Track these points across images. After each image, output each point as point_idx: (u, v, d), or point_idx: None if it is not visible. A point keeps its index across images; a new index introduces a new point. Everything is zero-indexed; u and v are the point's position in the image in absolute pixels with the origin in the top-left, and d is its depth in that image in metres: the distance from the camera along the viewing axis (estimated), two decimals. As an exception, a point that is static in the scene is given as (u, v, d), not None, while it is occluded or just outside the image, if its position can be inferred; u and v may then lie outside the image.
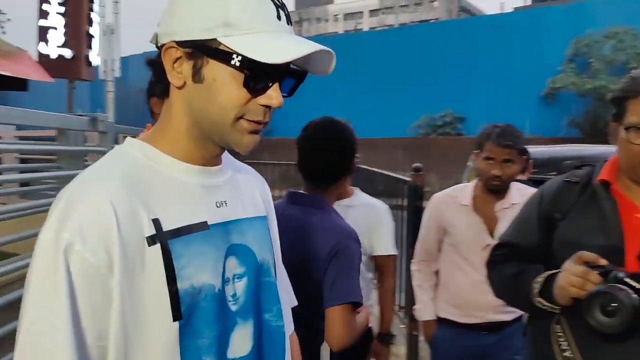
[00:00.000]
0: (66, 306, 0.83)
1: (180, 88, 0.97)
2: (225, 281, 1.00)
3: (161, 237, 0.92)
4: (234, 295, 1.02)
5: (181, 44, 0.93)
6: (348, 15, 58.77)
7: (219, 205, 1.03)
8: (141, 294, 0.90)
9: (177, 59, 0.95)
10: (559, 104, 19.04)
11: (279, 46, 0.90)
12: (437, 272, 2.78)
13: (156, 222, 0.92)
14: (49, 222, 0.87)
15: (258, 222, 1.12)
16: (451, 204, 2.67)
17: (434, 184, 16.01)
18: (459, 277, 2.62)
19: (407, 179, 4.81)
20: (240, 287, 1.04)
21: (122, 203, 0.89)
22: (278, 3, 0.95)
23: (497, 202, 2.57)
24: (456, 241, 2.63)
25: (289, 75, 0.98)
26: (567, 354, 1.41)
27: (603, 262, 1.31)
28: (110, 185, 0.90)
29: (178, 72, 0.95)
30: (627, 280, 1.25)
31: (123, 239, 0.88)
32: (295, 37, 0.95)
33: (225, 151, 1.07)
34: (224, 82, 0.93)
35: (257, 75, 0.92)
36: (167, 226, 0.93)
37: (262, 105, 0.95)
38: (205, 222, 0.99)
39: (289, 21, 0.96)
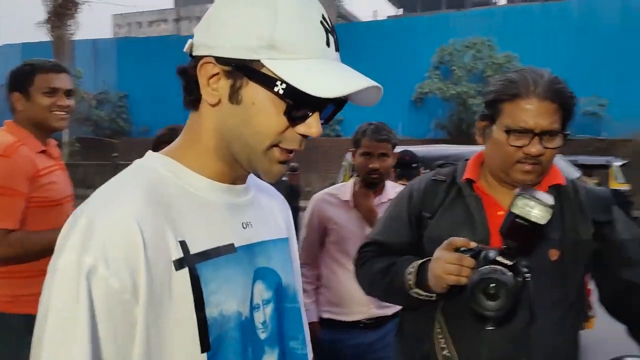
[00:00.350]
0: (88, 345, 0.74)
1: (213, 105, 0.87)
2: (253, 307, 0.92)
3: (189, 261, 0.83)
4: (264, 322, 0.95)
5: (220, 60, 0.84)
6: (151, 23, 57.53)
7: (245, 227, 0.94)
8: (167, 323, 0.81)
9: (214, 75, 0.86)
10: (427, 107, 20.12)
11: (328, 78, 0.82)
12: (318, 276, 2.78)
13: (183, 245, 0.84)
14: (70, 243, 0.77)
15: (281, 244, 1.04)
16: (332, 201, 2.69)
17: (315, 183, 16.25)
18: (341, 274, 2.64)
19: (284, 178, 4.82)
20: (268, 313, 0.96)
21: (148, 222, 0.81)
22: (328, 27, 0.86)
23: (375, 197, 2.64)
24: (338, 238, 2.65)
25: (330, 102, 0.89)
26: (445, 352, 1.42)
27: (473, 244, 1.33)
28: (135, 201, 0.82)
29: (214, 89, 0.86)
30: (499, 259, 1.27)
31: (150, 262, 0.79)
32: (345, 67, 0.87)
33: None
34: (263, 107, 0.84)
35: (299, 105, 0.83)
36: (194, 249, 0.85)
37: (299, 134, 0.87)
38: (232, 244, 0.90)
39: (337, 48, 0.88)
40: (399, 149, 3.10)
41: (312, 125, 0.86)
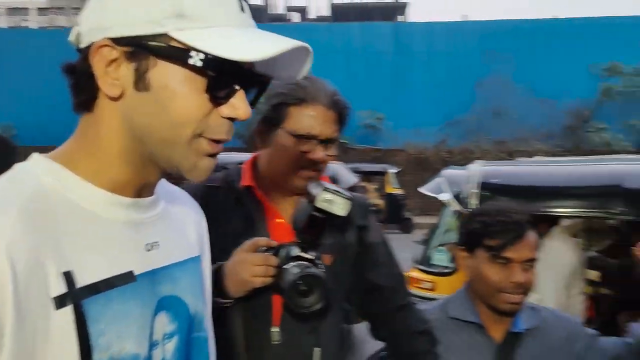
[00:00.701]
0: None
1: (115, 99, 0.72)
2: (152, 344, 0.76)
3: (74, 297, 0.66)
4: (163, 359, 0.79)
5: (118, 41, 0.70)
6: (12, 10, 52.08)
7: (149, 249, 0.78)
8: None
9: (112, 61, 0.70)
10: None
11: (251, 41, 0.71)
12: None
13: (68, 276, 0.66)
14: None
15: (191, 265, 0.87)
16: None
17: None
18: None
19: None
20: (170, 348, 0.80)
21: (21, 249, 0.63)
22: None
23: None
24: None
25: (254, 79, 0.76)
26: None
27: (274, 243, 1.30)
28: (5, 223, 0.63)
29: (114, 78, 0.71)
30: (301, 254, 1.25)
31: (20, 301, 0.62)
32: (264, 32, 0.74)
33: None
34: (179, 89, 0.70)
35: (221, 79, 0.71)
36: (82, 280, 0.68)
37: (226, 118, 0.73)
38: (132, 272, 0.73)
39: (248, 11, 0.76)
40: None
41: (239, 106, 0.73)
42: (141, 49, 0.69)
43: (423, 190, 3.41)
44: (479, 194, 2.83)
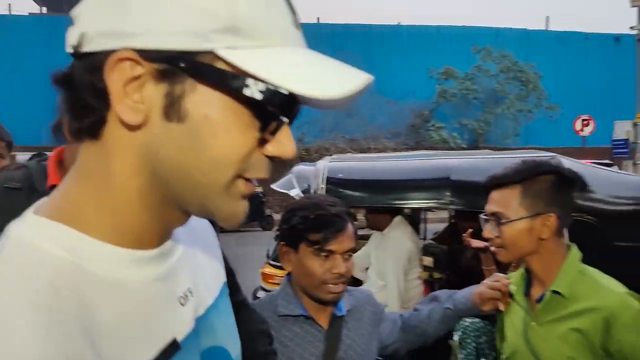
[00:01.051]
0: None
1: (134, 127, 0.54)
2: None
3: None
4: None
5: (146, 54, 0.52)
6: None
7: (183, 302, 0.63)
8: None
9: (134, 78, 0.52)
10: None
11: (322, 72, 0.55)
12: None
13: None
14: None
15: (222, 298, 0.74)
16: None
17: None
18: None
19: None
20: None
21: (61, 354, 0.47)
22: (289, 1, 0.59)
23: None
24: None
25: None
26: None
27: None
28: (37, 339, 0.46)
29: (136, 101, 0.53)
30: None
31: None
32: (323, 56, 0.57)
33: None
34: (223, 122, 0.54)
35: (272, 114, 0.55)
36: None
37: (267, 157, 0.58)
38: (175, 340, 0.59)
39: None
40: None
41: (286, 143, 0.58)
42: (177, 68, 0.53)
43: (275, 186, 3.45)
44: (325, 189, 2.92)
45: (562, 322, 1.52)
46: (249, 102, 0.54)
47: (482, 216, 1.67)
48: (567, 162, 3.00)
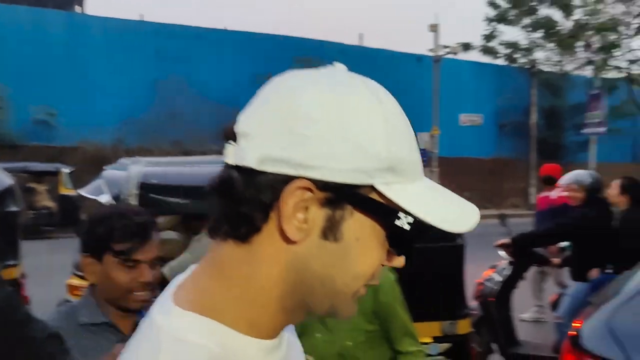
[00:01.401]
0: None
1: (290, 242, 0.60)
2: None
3: None
4: None
5: (319, 184, 0.59)
6: None
7: None
8: None
9: (304, 202, 0.59)
10: None
11: (452, 207, 0.65)
12: None
13: None
14: None
15: None
16: None
17: None
18: None
19: None
20: None
21: None
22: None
23: None
24: None
25: None
26: None
27: None
28: None
29: (300, 220, 0.59)
30: None
31: None
32: (441, 188, 0.67)
33: None
34: (369, 243, 0.62)
35: (407, 238, 0.63)
36: None
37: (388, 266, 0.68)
38: None
39: None
40: None
41: (402, 261, 0.67)
42: (343, 199, 0.60)
43: (83, 192, 3.23)
44: (138, 194, 2.81)
45: None
46: (396, 230, 0.62)
47: None
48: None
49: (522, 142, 22.46)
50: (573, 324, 2.89)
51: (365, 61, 20.20)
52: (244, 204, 0.60)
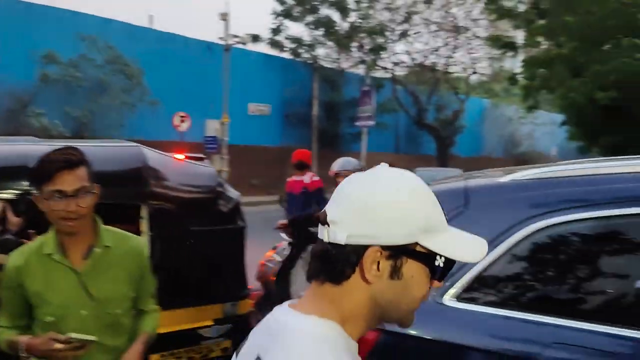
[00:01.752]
0: None
1: (369, 283, 0.94)
2: None
3: None
4: None
5: (386, 247, 0.93)
6: None
7: None
8: None
9: (376, 259, 0.93)
10: None
11: (468, 246, 0.98)
12: None
13: None
14: None
15: None
16: None
17: None
18: None
19: None
20: None
21: None
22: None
23: None
24: None
25: None
26: None
27: None
28: None
29: (375, 269, 0.93)
30: None
31: None
32: (461, 233, 1.01)
33: None
34: (421, 279, 0.95)
35: (446, 270, 0.97)
36: None
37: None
38: None
39: None
40: None
41: (440, 284, 0.99)
42: (399, 253, 0.93)
43: None
44: None
45: (114, 266, 1.96)
46: (436, 267, 0.95)
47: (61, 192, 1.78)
48: (150, 153, 3.13)
49: (305, 132, 23.66)
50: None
51: (154, 44, 19.35)
52: (339, 264, 0.93)
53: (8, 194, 2.59)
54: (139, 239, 2.16)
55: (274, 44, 23.13)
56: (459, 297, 1.98)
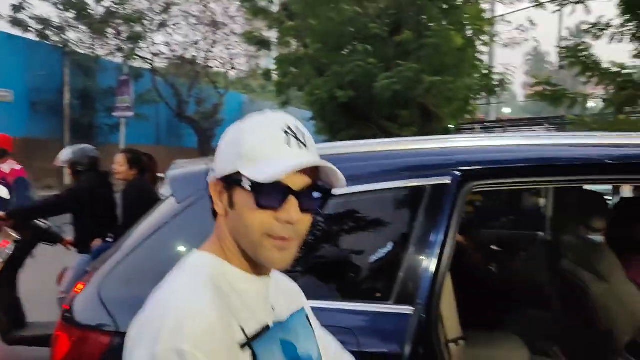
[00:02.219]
0: None
1: (224, 216, 1.03)
2: None
3: (248, 343, 0.97)
4: None
5: (220, 179, 1.02)
6: None
7: (273, 309, 1.07)
8: None
9: (220, 191, 1.02)
10: None
11: (272, 167, 0.95)
12: None
13: (242, 330, 0.97)
14: (162, 334, 0.89)
15: (300, 315, 1.17)
16: None
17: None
18: None
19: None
20: None
21: (220, 314, 0.94)
22: (290, 132, 1.00)
23: None
24: None
25: (316, 190, 1.01)
26: None
27: None
28: (210, 298, 0.95)
29: (219, 202, 1.03)
30: None
31: (227, 346, 0.93)
32: (302, 154, 0.99)
33: None
34: (246, 205, 0.98)
35: (268, 195, 0.96)
36: (248, 332, 0.98)
37: (286, 222, 0.98)
38: (267, 324, 1.03)
39: (303, 145, 1.01)
40: None
41: (290, 212, 0.97)
42: (229, 183, 1.00)
43: None
44: None
45: None
46: (250, 191, 0.97)
47: None
48: None
49: (56, 122, 20.94)
50: (70, 296, 2.61)
51: None
52: (211, 201, 1.05)
53: None
54: None
55: (16, 22, 19.80)
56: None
